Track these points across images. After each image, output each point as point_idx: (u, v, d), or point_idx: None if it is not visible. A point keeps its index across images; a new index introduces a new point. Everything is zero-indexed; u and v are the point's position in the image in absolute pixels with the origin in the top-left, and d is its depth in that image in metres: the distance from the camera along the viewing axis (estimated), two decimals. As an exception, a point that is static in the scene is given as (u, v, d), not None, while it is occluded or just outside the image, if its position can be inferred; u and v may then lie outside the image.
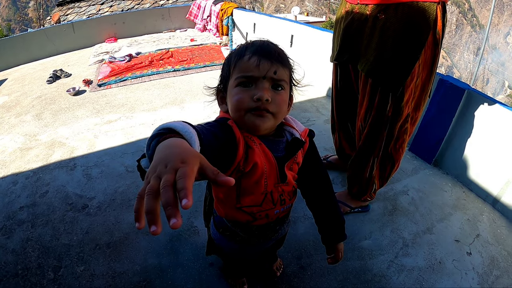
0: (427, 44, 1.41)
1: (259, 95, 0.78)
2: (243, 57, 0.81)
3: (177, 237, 1.84)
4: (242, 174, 0.84)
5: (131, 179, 2.33)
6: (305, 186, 1.07)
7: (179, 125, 0.58)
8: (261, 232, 1.04)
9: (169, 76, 4.34)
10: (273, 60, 0.80)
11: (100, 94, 3.97)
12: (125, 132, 2.99)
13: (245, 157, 0.82)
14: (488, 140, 2.13)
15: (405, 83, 1.48)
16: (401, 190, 2.22)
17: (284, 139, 0.92)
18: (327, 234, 1.12)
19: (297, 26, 4.20)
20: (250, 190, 0.89)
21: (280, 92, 0.83)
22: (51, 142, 2.96)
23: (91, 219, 2.01)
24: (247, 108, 0.80)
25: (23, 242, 1.89)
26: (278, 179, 0.91)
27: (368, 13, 1.47)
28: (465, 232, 1.93)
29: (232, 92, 0.82)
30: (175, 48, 5.58)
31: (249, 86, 0.80)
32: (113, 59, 4.96)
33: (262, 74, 0.79)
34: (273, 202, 0.94)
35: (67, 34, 6.20)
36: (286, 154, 0.91)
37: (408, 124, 1.65)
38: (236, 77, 0.81)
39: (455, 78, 2.36)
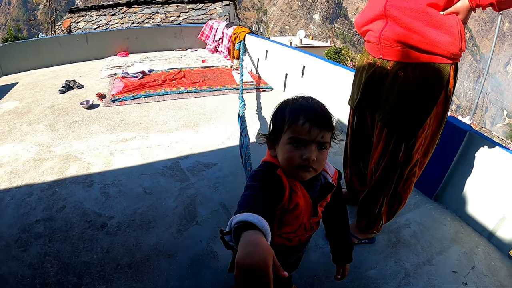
0: (439, 100, 1.62)
1: (307, 156, 0.97)
2: (297, 122, 0.97)
3: (198, 261, 1.95)
4: (286, 210, 1.05)
5: (149, 201, 2.43)
6: (327, 215, 1.29)
7: (258, 221, 0.75)
8: (291, 251, 1.25)
9: (182, 97, 4.50)
10: (322, 127, 0.97)
11: (114, 110, 4.11)
12: (141, 152, 3.12)
13: (289, 198, 1.02)
14: (486, 178, 2.31)
15: (417, 134, 1.69)
16: (404, 223, 2.38)
17: (319, 183, 1.12)
18: (338, 256, 1.34)
19: (309, 58, 4.38)
20: (290, 222, 1.10)
21: (323, 151, 1.01)
22: (66, 155, 3.07)
23: (111, 239, 2.10)
24: (296, 164, 0.99)
25: (41, 257, 1.97)
26: (311, 214, 1.12)
27: (389, 68, 1.68)
28: (461, 264, 2.08)
29: (284, 148, 1.00)
30: (187, 68, 5.78)
31: (299, 146, 0.98)
32: (126, 74, 5.12)
33: (311, 138, 0.97)
34: (305, 229, 1.15)
35: (80, 44, 6.40)
36: (319, 195, 1.12)
37: (417, 168, 1.86)
38: (289, 137, 0.99)
39: (458, 119, 2.55)
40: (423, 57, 1.54)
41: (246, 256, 0.64)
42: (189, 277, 1.85)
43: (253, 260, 0.63)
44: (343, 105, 2.44)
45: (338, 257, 1.34)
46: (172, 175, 2.76)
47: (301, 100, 1.04)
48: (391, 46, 1.61)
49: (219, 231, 0.79)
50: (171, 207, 2.38)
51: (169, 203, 2.43)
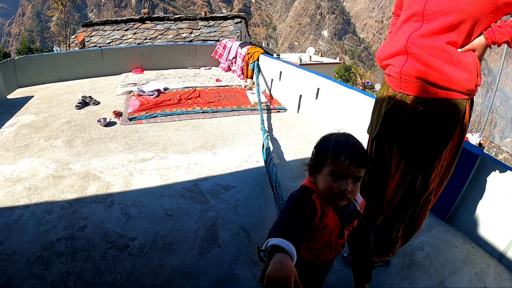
0: (455, 134, 1.72)
1: (344, 188, 1.13)
2: (339, 158, 1.12)
3: (220, 284, 2.00)
4: (316, 229, 1.20)
5: (171, 223, 2.50)
6: (352, 239, 1.44)
7: (287, 247, 0.91)
8: (317, 268, 1.39)
9: (198, 118, 4.62)
10: (359, 165, 1.12)
11: (131, 128, 4.22)
12: (160, 173, 3.20)
13: (320, 219, 1.18)
14: (497, 201, 2.39)
15: (433, 166, 1.78)
16: (417, 246, 2.44)
17: (348, 209, 1.27)
18: (358, 276, 1.51)
19: (323, 80, 4.48)
20: (318, 239, 1.24)
21: (357, 184, 1.16)
22: (85, 173, 3.15)
23: (134, 260, 2.16)
24: (334, 193, 1.15)
25: (63, 276, 2.02)
26: (338, 235, 1.26)
27: (409, 102, 1.77)
28: (473, 285, 2.14)
29: (325, 179, 1.16)
30: (202, 87, 5.91)
31: (338, 179, 1.13)
32: (142, 92, 5.26)
33: (350, 173, 1.12)
34: (331, 249, 1.29)
35: (96, 60, 6.59)
36: (347, 218, 1.27)
37: (432, 196, 1.96)
38: (330, 170, 1.14)
39: (470, 143, 2.64)
40: (441, 93, 1.64)
41: (275, 272, 0.82)
42: (213, 300, 1.91)
43: (280, 275, 0.81)
44: (356, 128, 2.53)
45: (358, 276, 1.50)
46: (192, 197, 2.83)
47: (343, 138, 1.19)
48: (411, 82, 1.70)
49: (256, 247, 0.98)
50: (193, 229, 2.44)
51: (190, 225, 2.49)
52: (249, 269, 2.13)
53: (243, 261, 2.19)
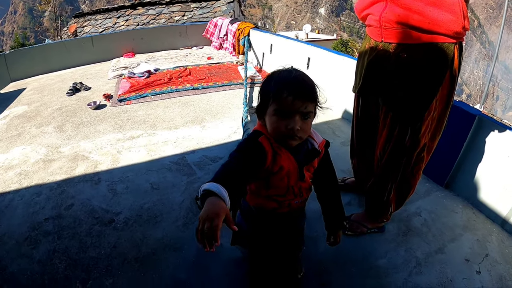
0: (444, 81, 1.58)
1: (292, 126, 1.06)
2: (281, 95, 1.04)
3: (204, 254, 1.93)
4: (271, 173, 1.15)
5: (156, 196, 2.44)
6: (317, 183, 1.38)
7: (217, 189, 0.88)
8: (284, 218, 1.33)
9: (188, 94, 4.52)
10: (304, 99, 1.05)
11: (121, 109, 4.14)
12: (148, 149, 3.13)
13: (273, 161, 1.12)
14: (498, 163, 2.24)
15: (423, 117, 1.64)
16: (414, 211, 2.32)
17: (305, 148, 1.20)
18: (330, 223, 1.45)
19: (313, 49, 4.36)
20: (276, 184, 1.19)
21: (307, 120, 1.10)
22: (74, 155, 3.10)
23: (118, 234, 2.11)
24: (282, 133, 1.09)
25: (50, 253, 1.99)
26: (298, 177, 1.21)
27: (391, 51, 1.63)
28: (474, 251, 2.02)
29: (270, 119, 1.09)
30: (193, 65, 5.79)
31: (284, 117, 1.07)
32: (132, 74, 5.16)
33: (295, 109, 1.05)
34: (294, 193, 1.24)
35: (86, 47, 6.48)
36: (305, 159, 1.21)
37: (425, 153, 1.82)
38: (274, 108, 1.07)
39: (466, 103, 2.49)
40: (425, 37, 1.50)
41: (204, 212, 0.83)
42: (195, 270, 1.85)
43: (207, 213, 0.82)
44: (349, 94, 2.41)
45: (329, 223, 1.44)
46: (178, 170, 2.76)
47: (285, 73, 1.12)
48: (392, 28, 1.56)
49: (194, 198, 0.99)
50: (178, 201, 2.38)
51: (176, 197, 2.43)
52: (234, 237, 2.06)
53: (227, 230, 2.07)
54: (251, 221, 1.38)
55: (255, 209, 1.32)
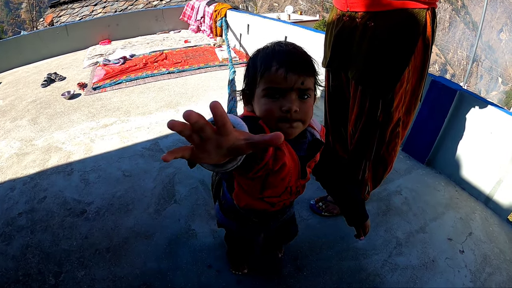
0: (416, 50, 1.44)
1: (288, 107, 0.81)
2: (271, 68, 0.82)
3: (176, 241, 1.87)
4: (270, 171, 0.84)
5: (128, 184, 2.35)
6: (323, 177, 1.14)
7: (232, 118, 0.61)
8: (273, 215, 1.15)
9: (163, 79, 4.35)
10: (299, 72, 0.82)
11: (95, 97, 3.97)
12: (121, 136, 3.01)
13: (274, 157, 0.82)
14: (480, 140, 2.17)
15: (394, 89, 1.51)
16: (394, 190, 2.26)
17: (306, 140, 0.96)
18: (352, 216, 1.18)
19: (290, 28, 4.22)
20: (275, 184, 0.93)
21: (306, 100, 0.85)
22: (48, 147, 2.97)
23: (90, 224, 2.03)
24: (276, 118, 0.83)
25: (23, 248, 1.90)
26: (299, 176, 0.96)
27: (358, 20, 1.49)
28: (457, 230, 1.97)
29: (260, 102, 0.85)
30: (169, 50, 5.58)
31: (276, 97, 0.83)
32: (108, 61, 4.96)
33: (289, 86, 0.81)
34: (291, 193, 1.00)
35: (61, 37, 6.17)
36: (307, 153, 0.96)
37: (400, 128, 1.68)
38: (263, 88, 0.84)
39: (447, 79, 2.40)
40: (395, 3, 1.36)
41: None
42: (167, 257, 1.78)
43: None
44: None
45: (352, 217, 1.18)
46: (151, 156, 2.67)
47: (273, 45, 0.87)
48: None
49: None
50: (150, 187, 2.29)
51: (148, 183, 2.34)
52: (207, 223, 1.99)
53: (200, 216, 2.05)
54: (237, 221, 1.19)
55: (242, 210, 1.10)
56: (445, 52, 45.69)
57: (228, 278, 1.66)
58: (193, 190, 2.25)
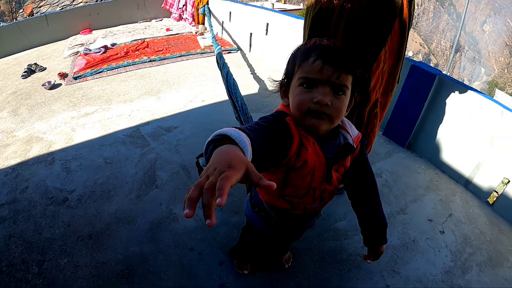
0: (393, 31, 1.43)
1: (319, 99, 0.78)
2: (308, 59, 0.80)
3: (157, 225, 1.84)
4: (292, 168, 0.86)
5: (110, 170, 2.29)
6: (351, 189, 1.09)
7: (235, 133, 0.60)
8: (294, 220, 1.09)
9: (145, 67, 4.24)
10: (336, 65, 0.79)
11: (76, 87, 3.85)
12: (102, 124, 2.93)
13: (298, 154, 0.83)
14: (459, 123, 2.17)
15: (371, 69, 1.49)
16: (374, 173, 2.19)
17: (337, 142, 0.92)
18: (370, 238, 1.13)
19: (272, 14, 4.16)
20: (296, 183, 0.91)
21: (340, 97, 0.82)
22: (29, 137, 2.87)
23: (72, 212, 1.98)
24: (307, 109, 0.81)
25: (6, 239, 1.85)
26: (324, 178, 0.92)
27: (335, 2, 1.46)
28: (438, 212, 1.98)
29: (294, 91, 0.83)
30: (151, 38, 5.44)
31: (311, 88, 0.80)
32: (88, 51, 4.80)
33: (324, 78, 0.79)
34: (313, 197, 0.96)
35: (41, 27, 5.93)
36: (336, 156, 0.91)
37: (378, 109, 1.68)
38: (299, 77, 0.82)
39: (426, 64, 2.40)
40: None
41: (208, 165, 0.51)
42: (149, 242, 1.75)
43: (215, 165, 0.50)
44: None
45: (369, 238, 1.12)
46: (132, 143, 2.61)
47: (315, 40, 0.85)
48: None
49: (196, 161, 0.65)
50: (131, 173, 2.25)
51: (129, 170, 2.29)
52: (188, 207, 1.96)
53: (181, 199, 2.01)
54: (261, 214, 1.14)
55: (266, 205, 1.08)
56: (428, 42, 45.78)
57: (209, 260, 1.65)
58: (174, 175, 2.22)
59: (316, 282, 1.59)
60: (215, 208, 0.44)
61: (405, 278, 1.62)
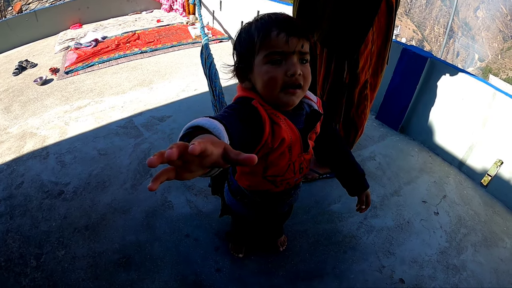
0: (380, 12, 1.40)
1: (293, 71, 0.76)
2: (270, 34, 0.77)
3: (152, 213, 1.82)
4: (270, 149, 0.84)
5: (104, 162, 2.26)
6: (322, 149, 1.08)
7: (207, 122, 0.56)
8: (279, 197, 1.08)
9: (136, 59, 4.16)
10: (300, 35, 0.77)
11: (68, 81, 3.76)
12: (95, 116, 2.88)
13: (272, 134, 0.81)
14: (451, 106, 2.15)
15: (359, 50, 1.47)
16: (368, 156, 2.23)
17: (304, 112, 0.91)
18: (352, 187, 1.14)
19: (263, 2, 4.09)
20: (276, 162, 0.90)
21: (306, 65, 0.81)
22: (22, 133, 2.81)
23: (68, 204, 1.95)
24: (281, 85, 0.78)
25: (3, 234, 1.82)
26: (302, 149, 0.91)
27: None
28: (432, 193, 1.97)
29: (262, 70, 0.79)
30: (142, 30, 5.33)
31: (279, 63, 0.78)
32: (79, 45, 4.70)
33: (291, 49, 0.76)
34: (294, 171, 0.95)
35: (31, 23, 5.79)
36: (306, 125, 0.91)
37: (368, 91, 1.65)
38: (264, 55, 0.78)
39: (418, 47, 2.37)
40: None
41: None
42: (145, 230, 1.73)
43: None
44: None
45: (352, 186, 1.14)
46: (126, 133, 2.56)
47: (268, 15, 0.82)
48: None
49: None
50: (125, 164, 2.21)
51: (123, 160, 2.25)
52: (183, 194, 1.94)
53: (176, 187, 1.99)
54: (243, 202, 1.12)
55: (247, 191, 1.07)
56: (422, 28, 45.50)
57: (205, 246, 1.63)
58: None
59: (312, 265, 1.58)
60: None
61: (400, 259, 1.61)
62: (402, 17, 43.69)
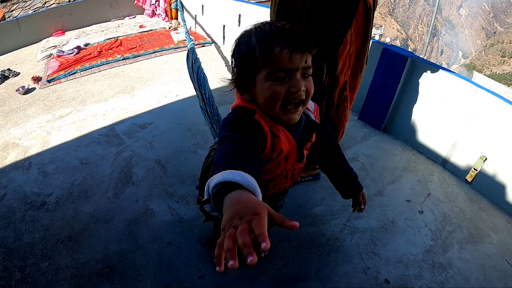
0: (358, 13, 1.39)
1: (297, 88, 0.74)
2: (273, 50, 0.73)
3: (135, 221, 1.81)
4: (268, 160, 0.83)
5: (86, 171, 2.23)
6: (318, 156, 1.07)
7: (241, 179, 0.55)
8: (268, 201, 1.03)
9: (118, 65, 4.10)
10: (303, 50, 0.74)
11: (50, 90, 3.69)
12: (77, 125, 2.83)
13: (272, 146, 0.80)
14: (434, 104, 2.14)
15: (338, 52, 1.46)
16: (351, 156, 2.22)
17: (301, 123, 0.89)
18: (348, 190, 1.13)
19: (244, 5, 4.07)
20: (272, 170, 0.89)
21: (309, 79, 0.78)
22: (4, 144, 2.75)
23: (51, 215, 1.92)
24: (283, 102, 0.76)
25: (-14, 248, 1.78)
26: (297, 159, 0.91)
27: None
28: (416, 192, 1.96)
29: (264, 86, 0.76)
30: (124, 36, 5.25)
31: (282, 79, 0.75)
32: (61, 52, 4.61)
33: (295, 66, 0.74)
34: (286, 177, 0.95)
35: (13, 32, 5.65)
36: (303, 136, 0.90)
37: (348, 92, 1.64)
38: (267, 72, 0.75)
39: (398, 46, 2.37)
40: None
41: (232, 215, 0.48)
42: (127, 239, 1.72)
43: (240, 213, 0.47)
44: None
45: (348, 189, 1.13)
46: (107, 142, 2.53)
47: (267, 25, 0.78)
48: None
49: (196, 201, 0.62)
50: (107, 172, 2.19)
51: (105, 169, 2.23)
52: (164, 201, 1.93)
53: (157, 195, 1.98)
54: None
55: None
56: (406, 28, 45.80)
57: (188, 253, 1.63)
58: (150, 171, 2.17)
59: (295, 269, 1.58)
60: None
61: (385, 259, 1.61)
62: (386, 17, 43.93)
